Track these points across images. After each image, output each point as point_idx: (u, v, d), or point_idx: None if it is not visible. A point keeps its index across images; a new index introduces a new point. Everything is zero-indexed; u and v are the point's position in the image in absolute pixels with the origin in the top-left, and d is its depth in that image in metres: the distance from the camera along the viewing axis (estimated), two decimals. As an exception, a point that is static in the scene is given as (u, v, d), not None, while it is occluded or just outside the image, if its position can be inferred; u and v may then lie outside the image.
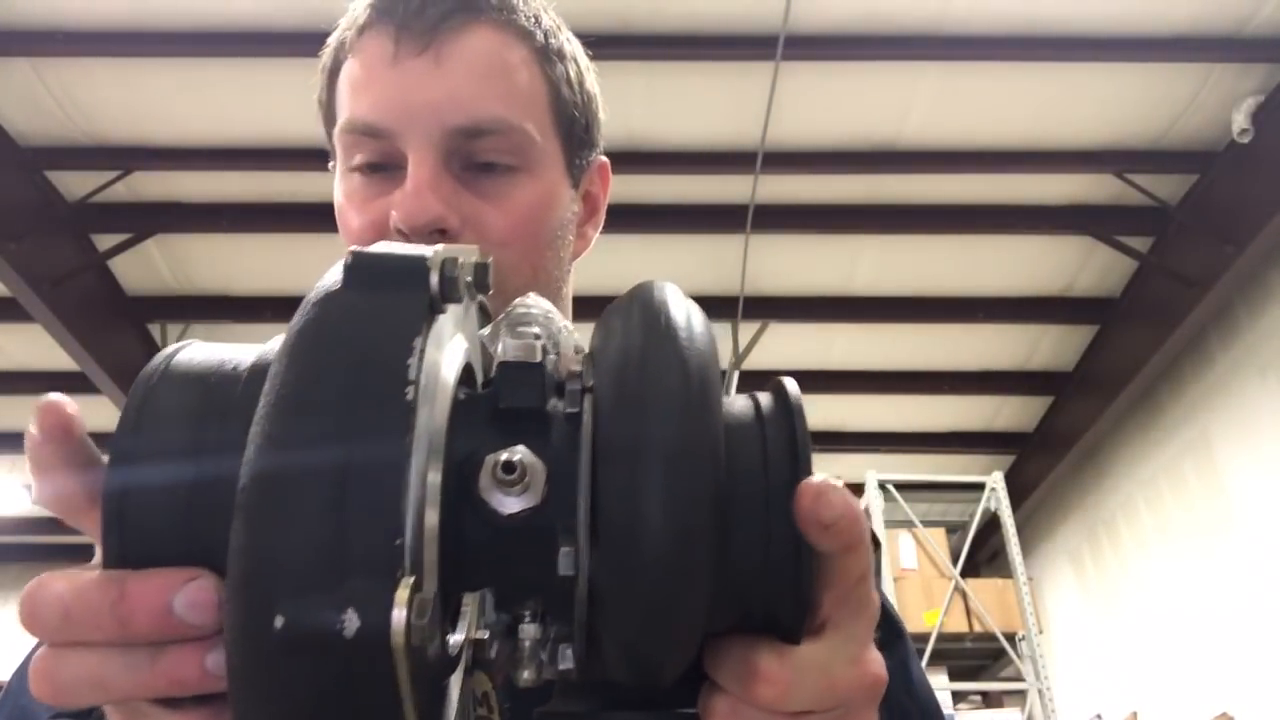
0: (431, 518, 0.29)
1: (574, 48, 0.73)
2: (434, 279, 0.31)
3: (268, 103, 3.91)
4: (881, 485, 5.46)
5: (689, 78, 3.77)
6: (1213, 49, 3.67)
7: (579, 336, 0.37)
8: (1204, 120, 3.98)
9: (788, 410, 0.34)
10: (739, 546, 0.32)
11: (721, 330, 4.93)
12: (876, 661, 0.36)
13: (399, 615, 0.25)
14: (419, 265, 0.31)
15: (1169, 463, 5.13)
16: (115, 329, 4.86)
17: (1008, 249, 4.67)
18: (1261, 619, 4.39)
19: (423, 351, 0.29)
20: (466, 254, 0.34)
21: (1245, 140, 3.85)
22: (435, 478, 0.30)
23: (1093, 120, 4.02)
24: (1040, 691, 5.11)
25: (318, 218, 4.43)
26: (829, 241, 4.61)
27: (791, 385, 0.35)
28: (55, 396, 0.33)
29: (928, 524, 5.54)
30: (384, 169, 0.66)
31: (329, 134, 0.71)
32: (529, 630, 0.31)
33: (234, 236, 4.59)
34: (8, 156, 4.05)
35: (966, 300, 4.98)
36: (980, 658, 5.61)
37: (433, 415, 0.30)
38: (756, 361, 4.96)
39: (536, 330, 0.35)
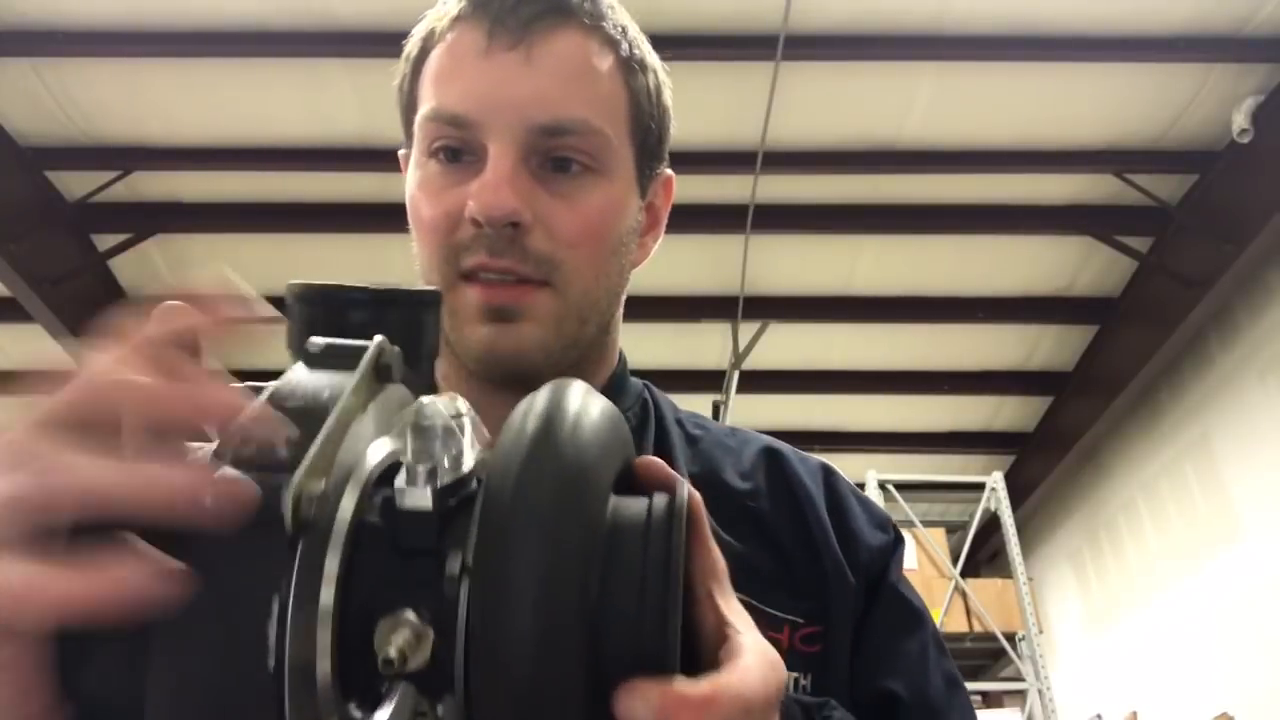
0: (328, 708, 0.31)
1: (654, 60, 0.75)
2: (287, 518, 0.30)
3: (268, 103, 3.92)
4: (881, 485, 5.46)
5: (689, 78, 3.76)
6: (1213, 49, 3.67)
7: (482, 442, 0.36)
8: (1204, 120, 3.98)
9: (667, 527, 0.35)
10: (611, 676, 0.33)
11: (721, 330, 4.93)
12: None
13: None
14: (271, 512, 0.30)
15: (1169, 464, 5.13)
16: (115, 329, 4.86)
17: (1008, 249, 4.67)
18: (1261, 620, 4.39)
19: (285, 606, 0.29)
20: (318, 467, 0.32)
21: (1245, 140, 3.84)
22: (326, 669, 0.31)
23: (1093, 120, 4.02)
24: (1040, 691, 5.11)
25: (318, 218, 4.44)
26: (829, 241, 4.61)
27: (681, 493, 0.36)
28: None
29: (928, 524, 5.54)
30: (461, 159, 0.67)
31: (406, 121, 0.72)
32: None
33: (234, 236, 4.59)
34: (8, 156, 4.05)
35: (966, 300, 4.98)
36: (980, 658, 5.60)
37: (312, 656, 0.31)
38: (756, 361, 4.96)
39: (429, 466, 0.34)
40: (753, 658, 0.37)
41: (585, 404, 0.36)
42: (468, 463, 0.35)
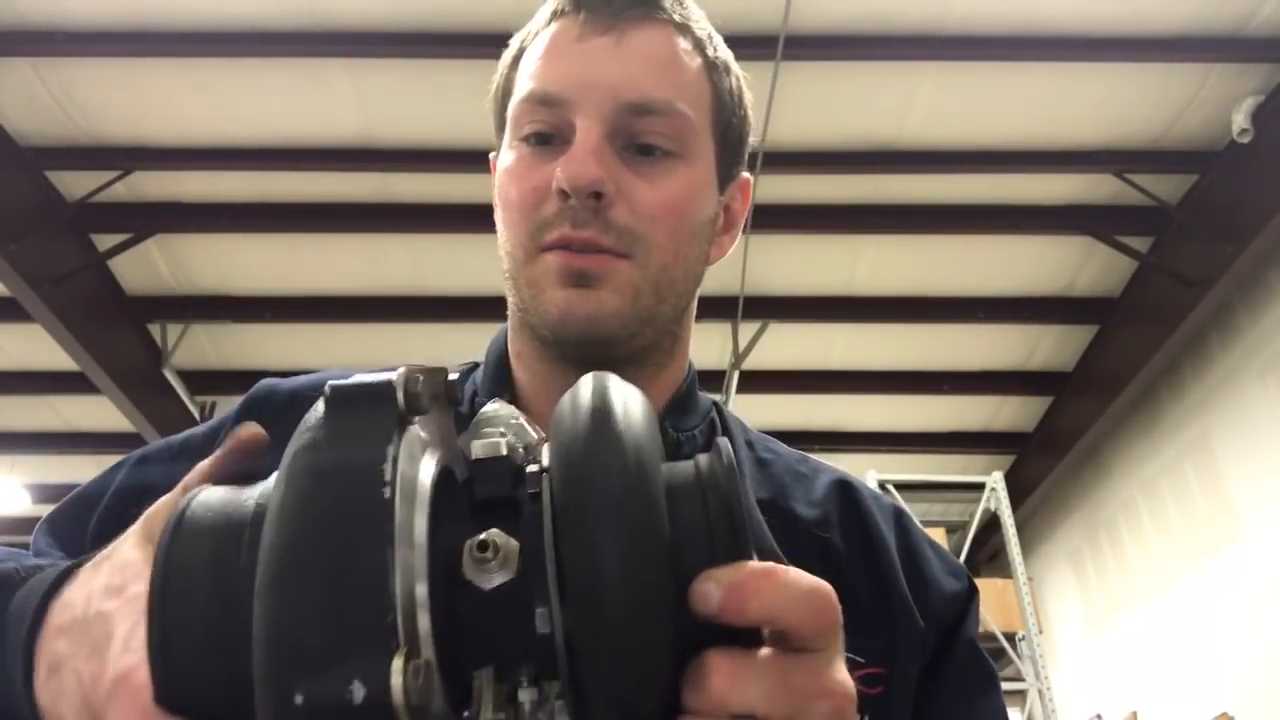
0: (421, 593, 0.33)
1: (737, 68, 0.76)
2: (400, 396, 0.35)
3: (268, 103, 3.92)
4: (881, 485, 5.45)
5: (689, 78, 3.78)
6: (1213, 49, 3.67)
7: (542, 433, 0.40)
8: (1204, 120, 3.98)
9: (720, 476, 0.37)
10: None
11: (721, 330, 4.93)
12: (843, 682, 0.37)
13: (396, 680, 0.30)
14: (386, 386, 0.35)
15: (1169, 463, 5.13)
16: (115, 329, 4.86)
17: (1008, 249, 4.67)
18: (1261, 619, 4.39)
19: (396, 457, 0.33)
20: (433, 373, 0.38)
21: (1245, 140, 3.85)
22: (421, 564, 0.33)
23: (1093, 120, 4.02)
24: (1040, 691, 5.11)
25: (318, 218, 4.44)
26: (829, 241, 4.61)
27: (726, 449, 0.38)
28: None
29: (928, 524, 5.54)
30: (550, 142, 0.68)
31: (499, 122, 0.74)
32: (526, 694, 0.35)
33: (234, 236, 4.59)
34: (8, 156, 4.05)
35: (966, 300, 4.98)
36: (980, 658, 5.61)
37: (412, 511, 0.34)
38: (756, 361, 4.97)
39: (501, 429, 0.39)
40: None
41: (626, 391, 0.38)
42: (532, 438, 0.39)
